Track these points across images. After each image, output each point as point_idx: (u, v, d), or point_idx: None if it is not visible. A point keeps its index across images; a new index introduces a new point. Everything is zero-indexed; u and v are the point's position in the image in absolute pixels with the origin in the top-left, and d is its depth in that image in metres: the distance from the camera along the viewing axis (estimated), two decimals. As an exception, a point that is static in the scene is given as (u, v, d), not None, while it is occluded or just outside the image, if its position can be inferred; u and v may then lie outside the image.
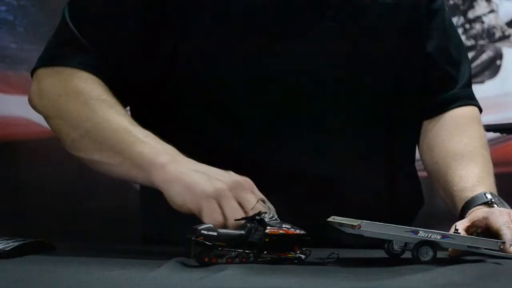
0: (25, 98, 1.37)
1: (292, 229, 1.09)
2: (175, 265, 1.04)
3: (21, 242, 1.18)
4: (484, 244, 1.14)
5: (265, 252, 1.08)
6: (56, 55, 1.33)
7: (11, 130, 2.55)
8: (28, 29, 2.60)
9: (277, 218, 1.10)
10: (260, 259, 1.08)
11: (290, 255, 1.09)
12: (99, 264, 1.09)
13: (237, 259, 1.07)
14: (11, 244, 1.16)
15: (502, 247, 1.16)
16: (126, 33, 1.32)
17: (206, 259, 1.06)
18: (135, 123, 1.25)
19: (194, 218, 1.31)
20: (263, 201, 1.15)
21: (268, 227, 1.08)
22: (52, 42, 1.36)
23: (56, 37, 1.36)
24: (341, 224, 1.12)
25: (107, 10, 1.33)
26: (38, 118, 2.66)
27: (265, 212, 1.10)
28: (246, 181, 1.17)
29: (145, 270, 1.01)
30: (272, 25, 1.33)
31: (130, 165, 1.21)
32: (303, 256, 1.09)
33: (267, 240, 1.08)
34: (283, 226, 1.09)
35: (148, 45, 1.32)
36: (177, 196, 1.16)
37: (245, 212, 1.13)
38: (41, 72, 1.34)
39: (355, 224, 1.09)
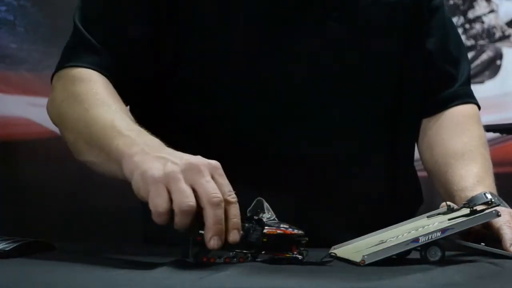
0: (25, 98, 1.38)
1: (290, 229, 1.09)
2: (175, 265, 1.04)
3: (21, 242, 1.18)
4: (481, 219, 1.13)
5: (263, 252, 1.08)
6: (66, 57, 1.33)
7: (11, 130, 2.55)
8: (28, 29, 2.60)
9: (275, 218, 1.10)
10: (258, 259, 1.08)
11: (287, 255, 1.09)
12: (99, 264, 1.09)
13: (235, 259, 1.07)
14: (11, 244, 1.16)
15: (499, 214, 1.14)
16: (133, 34, 1.33)
17: (204, 259, 1.06)
18: (127, 118, 1.20)
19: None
20: (262, 204, 1.12)
21: (266, 227, 1.08)
22: (65, 47, 1.36)
23: (68, 41, 1.36)
24: (344, 260, 1.12)
25: (115, 12, 1.33)
26: (38, 118, 2.67)
27: (263, 212, 1.10)
28: (208, 164, 1.07)
29: (145, 270, 1.01)
30: (275, 26, 1.33)
31: (110, 161, 1.15)
32: (300, 257, 1.09)
33: (265, 240, 1.08)
34: (281, 226, 1.09)
35: (154, 45, 1.33)
36: (134, 185, 1.07)
37: (196, 195, 1.03)
38: (55, 78, 1.34)
39: (358, 261, 1.08)
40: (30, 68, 2.58)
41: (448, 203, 1.21)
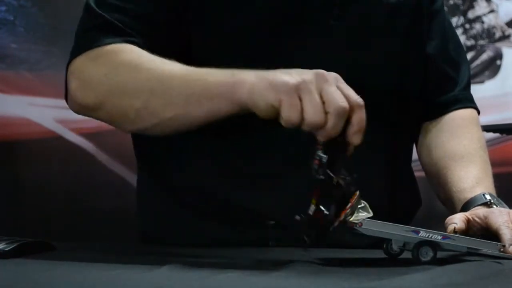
0: (25, 98, 1.37)
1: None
2: (175, 265, 1.04)
3: (21, 242, 1.18)
4: (484, 246, 1.14)
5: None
6: (89, 40, 1.28)
7: (11, 130, 2.55)
8: (28, 29, 2.60)
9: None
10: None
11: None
12: (99, 264, 1.09)
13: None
14: (11, 244, 1.16)
15: (502, 249, 1.16)
16: (154, 21, 1.31)
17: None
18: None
19: (192, 219, 1.31)
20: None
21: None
22: (81, 31, 1.31)
23: (83, 25, 1.32)
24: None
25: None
26: (38, 118, 2.67)
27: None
28: (331, 74, 1.09)
29: (144, 270, 1.01)
30: (277, 24, 1.33)
31: (209, 100, 1.14)
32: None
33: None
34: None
35: (170, 34, 1.32)
36: (261, 98, 1.08)
37: (325, 106, 1.06)
38: (78, 62, 1.27)
39: (356, 222, 1.08)
40: (30, 68, 2.57)
41: (456, 228, 1.22)
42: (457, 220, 1.24)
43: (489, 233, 1.24)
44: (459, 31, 3.00)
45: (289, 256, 1.13)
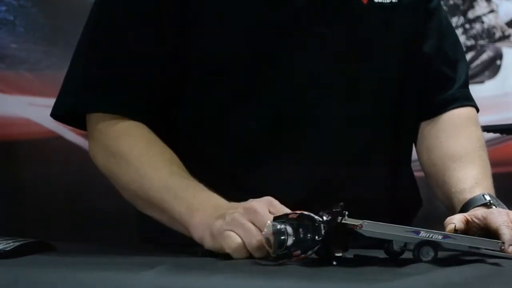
0: (25, 98, 1.37)
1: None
2: (174, 265, 1.05)
3: (21, 242, 1.18)
4: (484, 244, 1.14)
5: None
6: (95, 97, 1.34)
7: (11, 130, 2.55)
8: (28, 29, 2.60)
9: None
10: None
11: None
12: (99, 264, 1.09)
13: None
14: (11, 244, 1.16)
15: (503, 247, 1.16)
16: (155, 59, 1.34)
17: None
18: (175, 171, 1.28)
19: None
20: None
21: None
22: (88, 80, 1.35)
23: (90, 74, 1.36)
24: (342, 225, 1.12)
25: (126, 41, 1.34)
26: (38, 118, 2.67)
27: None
28: (259, 202, 1.16)
29: (144, 270, 1.01)
30: (269, 33, 1.33)
31: (176, 224, 1.26)
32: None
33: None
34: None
35: (170, 62, 1.35)
36: (210, 246, 1.18)
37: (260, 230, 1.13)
38: (91, 123, 1.36)
39: (356, 224, 1.08)
40: (30, 68, 2.57)
41: (456, 227, 1.23)
42: (456, 221, 1.24)
43: (488, 233, 1.23)
44: (459, 31, 3.00)
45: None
